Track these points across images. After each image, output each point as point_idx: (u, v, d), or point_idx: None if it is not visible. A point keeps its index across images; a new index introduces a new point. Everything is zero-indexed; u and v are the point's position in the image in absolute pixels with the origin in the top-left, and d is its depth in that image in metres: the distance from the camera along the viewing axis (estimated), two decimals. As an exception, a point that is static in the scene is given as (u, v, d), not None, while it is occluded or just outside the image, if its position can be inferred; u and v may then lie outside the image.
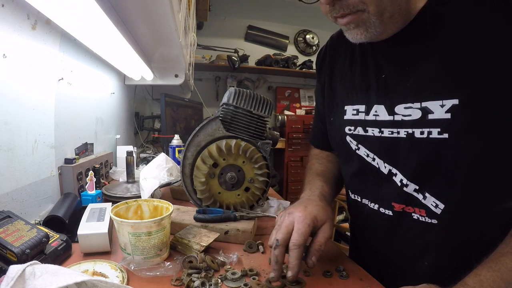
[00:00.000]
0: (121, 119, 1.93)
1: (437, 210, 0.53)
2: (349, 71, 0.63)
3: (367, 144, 0.59)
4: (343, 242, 2.90)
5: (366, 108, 0.58)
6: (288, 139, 3.28)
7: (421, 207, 0.54)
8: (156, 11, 0.88)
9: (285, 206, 0.96)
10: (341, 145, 0.64)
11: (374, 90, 0.57)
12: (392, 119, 0.54)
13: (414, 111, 0.51)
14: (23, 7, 0.75)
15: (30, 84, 0.83)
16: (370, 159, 0.59)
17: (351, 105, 0.61)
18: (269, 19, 3.82)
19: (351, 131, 0.61)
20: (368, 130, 0.58)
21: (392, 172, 0.56)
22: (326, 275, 0.61)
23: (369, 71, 0.59)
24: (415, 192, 0.54)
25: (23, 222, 0.61)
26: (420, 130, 0.51)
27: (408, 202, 0.56)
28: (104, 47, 1.02)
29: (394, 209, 0.58)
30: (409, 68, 0.53)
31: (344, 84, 0.64)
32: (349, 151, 0.62)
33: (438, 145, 0.49)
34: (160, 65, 1.67)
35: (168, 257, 0.68)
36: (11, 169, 0.75)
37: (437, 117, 0.49)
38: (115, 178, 1.36)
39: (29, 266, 0.41)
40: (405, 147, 0.54)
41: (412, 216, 0.56)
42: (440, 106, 0.48)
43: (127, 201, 0.72)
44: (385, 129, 0.55)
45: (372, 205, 0.62)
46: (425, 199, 0.53)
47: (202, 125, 0.88)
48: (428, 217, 0.54)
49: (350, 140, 0.62)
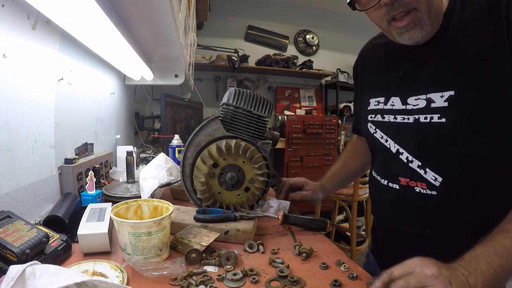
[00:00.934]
0: (121, 119, 1.93)
1: (436, 183, 0.62)
2: (375, 72, 0.76)
3: (382, 128, 0.71)
4: (343, 242, 2.90)
5: (385, 99, 0.70)
6: (288, 139, 3.28)
7: (422, 181, 0.63)
8: (156, 11, 0.88)
9: (285, 206, 0.96)
10: (365, 130, 0.77)
11: (392, 85, 0.69)
12: (405, 108, 0.65)
13: (421, 101, 0.62)
14: (23, 7, 0.75)
15: (30, 84, 0.83)
16: (383, 140, 0.70)
17: (374, 98, 0.74)
18: (269, 19, 3.82)
19: (372, 118, 0.73)
20: (385, 117, 0.70)
21: (400, 151, 0.67)
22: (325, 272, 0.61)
23: (390, 71, 0.71)
24: (418, 168, 0.64)
25: (23, 222, 0.61)
26: (424, 116, 0.62)
27: (412, 176, 0.65)
28: (104, 47, 1.02)
29: (400, 183, 0.68)
30: (420, 68, 0.64)
31: (371, 83, 0.78)
32: (369, 135, 0.75)
33: (437, 128, 0.60)
34: (160, 65, 1.67)
35: (168, 257, 0.68)
36: (11, 169, 0.75)
37: (437, 106, 0.59)
38: (115, 178, 1.36)
39: (29, 266, 0.41)
40: (412, 130, 0.64)
41: (415, 189, 0.65)
42: (440, 96, 0.59)
43: (127, 201, 0.72)
44: (398, 116, 0.67)
45: (383, 180, 0.72)
46: (426, 173, 0.63)
47: (202, 125, 0.88)
48: (429, 189, 0.63)
49: (370, 126, 0.74)
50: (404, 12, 0.57)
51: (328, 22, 4.08)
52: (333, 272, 0.64)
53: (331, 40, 4.10)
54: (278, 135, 0.98)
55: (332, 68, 3.95)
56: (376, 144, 0.72)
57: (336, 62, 4.08)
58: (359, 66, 0.85)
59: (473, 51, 0.56)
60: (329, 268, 0.65)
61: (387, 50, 0.73)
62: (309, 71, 3.69)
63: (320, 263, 0.66)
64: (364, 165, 1.00)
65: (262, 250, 0.72)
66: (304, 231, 0.86)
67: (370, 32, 0.83)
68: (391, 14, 0.58)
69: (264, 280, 0.59)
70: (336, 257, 0.70)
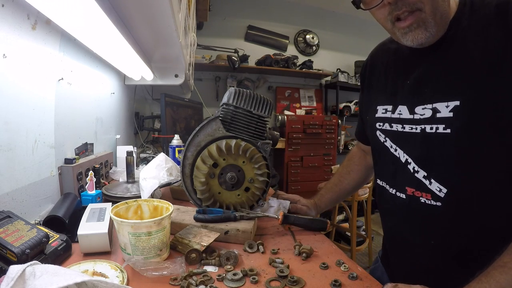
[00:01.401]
0: (121, 119, 1.93)
1: (440, 194, 0.61)
2: (383, 78, 0.75)
3: (391, 137, 0.70)
4: (343, 242, 2.90)
5: (393, 108, 0.69)
6: (288, 139, 3.28)
7: (427, 192, 0.63)
8: (156, 11, 0.88)
9: (285, 206, 0.96)
10: (373, 138, 0.77)
11: (400, 93, 0.69)
12: (412, 118, 0.65)
13: (428, 111, 0.61)
14: (23, 7, 0.75)
15: (30, 84, 0.83)
16: (393, 150, 0.70)
17: (381, 105, 0.73)
18: (269, 19, 3.82)
19: (380, 126, 0.73)
20: (393, 126, 0.69)
21: (408, 161, 0.66)
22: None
23: (398, 79, 0.70)
24: (423, 178, 0.63)
25: (23, 222, 0.61)
26: (430, 126, 0.61)
27: (418, 187, 0.65)
28: (104, 47, 1.02)
29: (406, 193, 0.67)
30: (427, 76, 0.63)
31: (378, 88, 0.77)
32: (378, 143, 0.74)
33: (443, 139, 0.59)
34: (160, 65, 1.67)
35: (168, 257, 0.68)
36: (11, 169, 0.75)
37: (443, 116, 0.59)
38: (115, 178, 1.36)
39: (29, 266, 0.41)
40: (419, 140, 0.64)
41: (420, 200, 0.65)
42: (445, 106, 0.58)
43: (127, 201, 0.72)
44: (406, 125, 0.66)
45: (391, 190, 0.72)
46: (431, 184, 0.62)
47: (202, 125, 0.88)
48: (433, 200, 0.62)
49: (379, 134, 0.73)
50: (408, 12, 0.57)
51: (328, 22, 4.08)
52: (333, 272, 0.64)
53: (331, 40, 4.10)
54: (278, 135, 0.98)
55: (332, 68, 3.95)
56: (386, 153, 0.72)
57: (336, 62, 4.08)
58: (367, 69, 0.84)
59: (480, 57, 0.55)
60: (329, 268, 0.65)
61: (396, 57, 0.73)
62: (309, 71, 3.69)
63: (320, 263, 0.66)
64: (360, 182, 1.02)
65: (262, 250, 0.72)
66: (304, 231, 0.86)
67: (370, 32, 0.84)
68: (395, 13, 0.58)
69: (264, 280, 0.59)
70: (336, 257, 0.70)
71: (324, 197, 1.02)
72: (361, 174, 1.00)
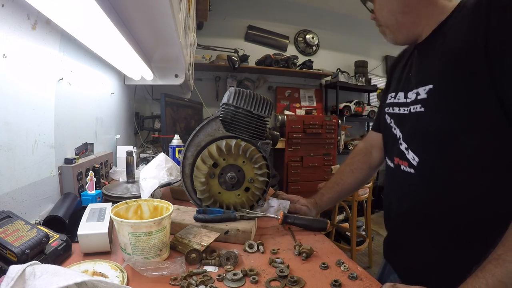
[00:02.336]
0: (121, 119, 1.93)
1: (414, 162, 0.71)
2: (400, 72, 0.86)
3: (394, 118, 0.81)
4: (343, 242, 2.90)
5: (395, 94, 0.82)
6: (288, 139, 3.28)
7: (406, 160, 0.74)
8: (156, 11, 0.88)
9: (285, 206, 0.96)
10: (384, 121, 0.87)
11: (402, 82, 0.81)
12: (405, 101, 0.76)
13: (413, 95, 0.72)
14: (23, 7, 0.75)
15: (30, 84, 0.83)
16: (393, 128, 0.81)
17: (390, 93, 0.85)
18: (269, 19, 3.82)
19: (388, 110, 0.85)
20: (395, 109, 0.81)
21: (399, 136, 0.78)
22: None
23: (404, 70, 0.82)
24: (405, 149, 0.74)
25: (23, 222, 0.61)
26: (413, 106, 0.71)
27: (401, 156, 0.75)
28: (104, 47, 1.02)
29: (394, 162, 0.79)
30: (418, 66, 0.75)
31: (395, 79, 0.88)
32: (386, 125, 0.85)
33: (419, 116, 0.70)
34: (160, 65, 1.67)
35: (168, 257, 0.68)
36: (11, 169, 0.75)
37: (421, 98, 0.69)
38: (115, 178, 1.36)
39: (29, 266, 0.41)
40: (407, 119, 0.75)
41: (401, 167, 0.75)
42: (423, 90, 0.68)
43: (127, 201, 0.72)
44: (401, 107, 0.78)
45: (389, 162, 0.83)
46: (408, 154, 0.73)
47: (202, 125, 0.88)
48: (409, 167, 0.72)
49: (387, 117, 0.85)
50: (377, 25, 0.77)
51: (328, 22, 4.08)
52: (333, 272, 0.64)
53: (331, 40, 4.10)
54: (278, 135, 0.98)
55: (332, 68, 3.95)
56: (390, 133, 0.83)
57: (336, 62, 4.08)
58: (393, 65, 0.94)
59: (453, 48, 0.63)
60: (329, 268, 0.65)
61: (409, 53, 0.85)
62: (309, 71, 3.69)
63: (320, 263, 0.66)
64: (362, 182, 1.05)
65: (262, 250, 0.72)
66: (304, 231, 0.86)
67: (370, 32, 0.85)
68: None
69: (264, 280, 0.59)
70: (336, 257, 0.70)
71: (325, 196, 1.03)
72: (364, 173, 1.03)
